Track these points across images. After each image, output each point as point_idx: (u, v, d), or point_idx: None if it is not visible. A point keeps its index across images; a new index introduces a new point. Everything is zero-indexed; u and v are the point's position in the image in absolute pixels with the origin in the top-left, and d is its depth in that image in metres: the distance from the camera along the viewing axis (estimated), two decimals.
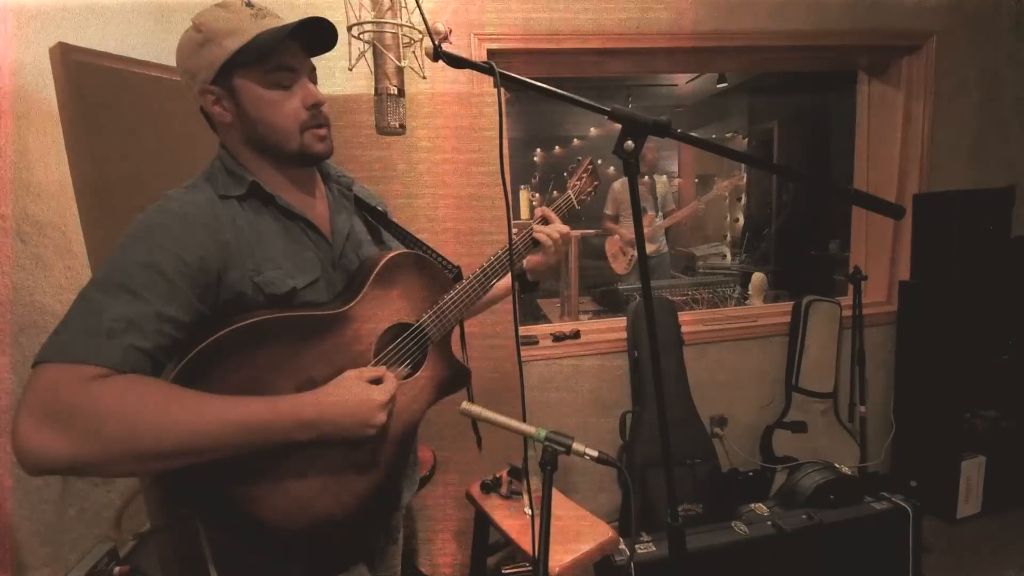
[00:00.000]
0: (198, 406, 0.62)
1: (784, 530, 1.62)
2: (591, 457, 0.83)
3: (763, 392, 2.35)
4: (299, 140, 0.78)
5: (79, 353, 0.58)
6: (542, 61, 2.00)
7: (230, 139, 0.79)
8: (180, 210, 0.71)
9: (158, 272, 0.65)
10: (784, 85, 4.54)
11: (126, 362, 0.60)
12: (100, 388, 0.58)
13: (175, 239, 0.67)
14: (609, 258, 3.40)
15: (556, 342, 2.13)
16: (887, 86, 2.36)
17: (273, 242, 0.77)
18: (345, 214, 0.89)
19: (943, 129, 2.29)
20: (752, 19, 2.05)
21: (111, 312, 0.61)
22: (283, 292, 0.75)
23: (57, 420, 0.55)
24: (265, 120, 0.76)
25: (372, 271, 0.84)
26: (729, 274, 3.55)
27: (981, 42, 2.28)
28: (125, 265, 0.64)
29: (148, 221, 0.69)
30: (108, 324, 0.60)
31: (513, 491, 1.55)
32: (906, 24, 2.18)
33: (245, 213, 0.76)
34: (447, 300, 0.93)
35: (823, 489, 1.75)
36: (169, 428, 0.59)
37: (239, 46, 0.72)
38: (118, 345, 0.60)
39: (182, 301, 0.66)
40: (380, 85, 0.79)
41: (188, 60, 0.75)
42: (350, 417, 0.72)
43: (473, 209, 1.70)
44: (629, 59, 2.11)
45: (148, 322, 0.62)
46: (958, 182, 2.30)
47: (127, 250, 0.65)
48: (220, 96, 0.75)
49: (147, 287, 0.63)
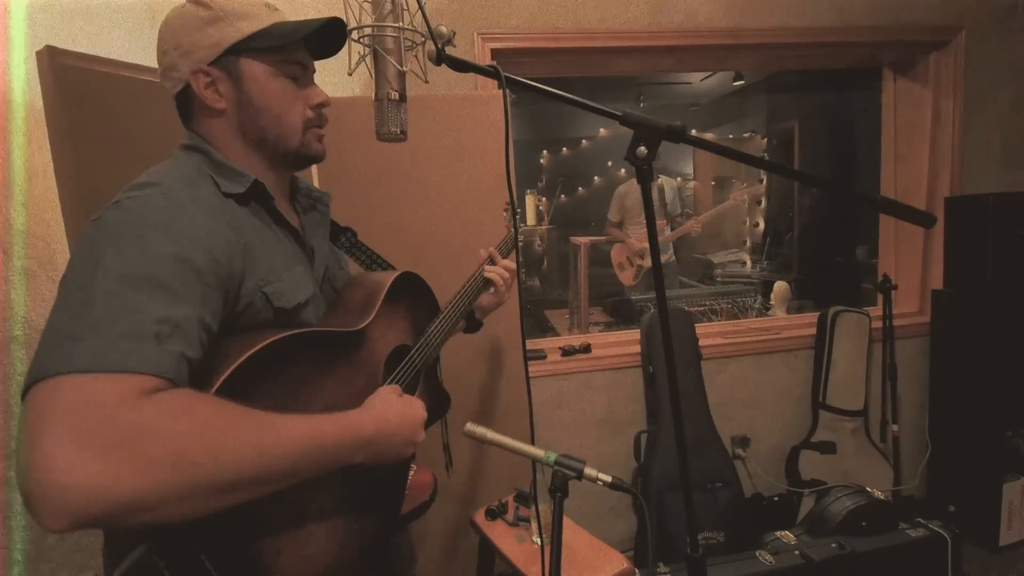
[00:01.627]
0: (273, 423, 0.57)
1: (813, 560, 1.60)
2: (604, 483, 0.83)
3: (787, 410, 2.34)
4: (300, 137, 0.79)
5: (129, 361, 0.50)
6: (548, 60, 2.02)
7: (217, 130, 0.75)
8: (195, 202, 0.64)
9: (193, 269, 0.58)
10: (804, 83, 4.56)
11: (180, 374, 0.54)
12: (166, 402, 0.50)
13: (204, 233, 0.62)
14: (615, 268, 3.40)
15: (565, 356, 2.13)
16: (914, 83, 2.37)
17: (272, 251, 0.74)
18: (321, 232, 0.89)
19: (974, 128, 2.30)
20: (771, 15, 2.07)
21: (153, 311, 0.53)
22: (292, 306, 0.73)
23: (115, 445, 0.46)
24: (271, 110, 0.75)
25: (382, 289, 0.85)
26: (750, 283, 3.55)
27: (1012, 37, 2.28)
28: (154, 257, 0.56)
29: (163, 208, 0.61)
30: (154, 327, 0.53)
31: (520, 518, 1.55)
32: (933, 19, 2.19)
33: (245, 215, 0.73)
34: (435, 324, 0.95)
35: (854, 515, 1.73)
36: (252, 448, 0.53)
37: (255, 30, 0.73)
38: (170, 351, 0.53)
39: (215, 307, 0.61)
40: (381, 91, 0.80)
41: (183, 36, 0.72)
42: (398, 435, 0.72)
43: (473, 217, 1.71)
44: (640, 57, 2.13)
45: (193, 327, 0.56)
46: (991, 184, 2.30)
47: (148, 239, 0.57)
48: (217, 79, 0.73)
49: (185, 285, 0.57)
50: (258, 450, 0.54)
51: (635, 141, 0.76)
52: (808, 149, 4.75)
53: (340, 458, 0.64)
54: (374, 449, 0.68)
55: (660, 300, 0.79)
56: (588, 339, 2.22)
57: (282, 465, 0.56)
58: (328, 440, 0.62)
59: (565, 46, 1.96)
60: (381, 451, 0.70)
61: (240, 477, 0.52)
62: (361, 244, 1.00)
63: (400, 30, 0.83)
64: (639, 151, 0.76)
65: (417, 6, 0.79)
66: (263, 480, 0.55)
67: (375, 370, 0.82)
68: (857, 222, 4.14)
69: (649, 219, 0.80)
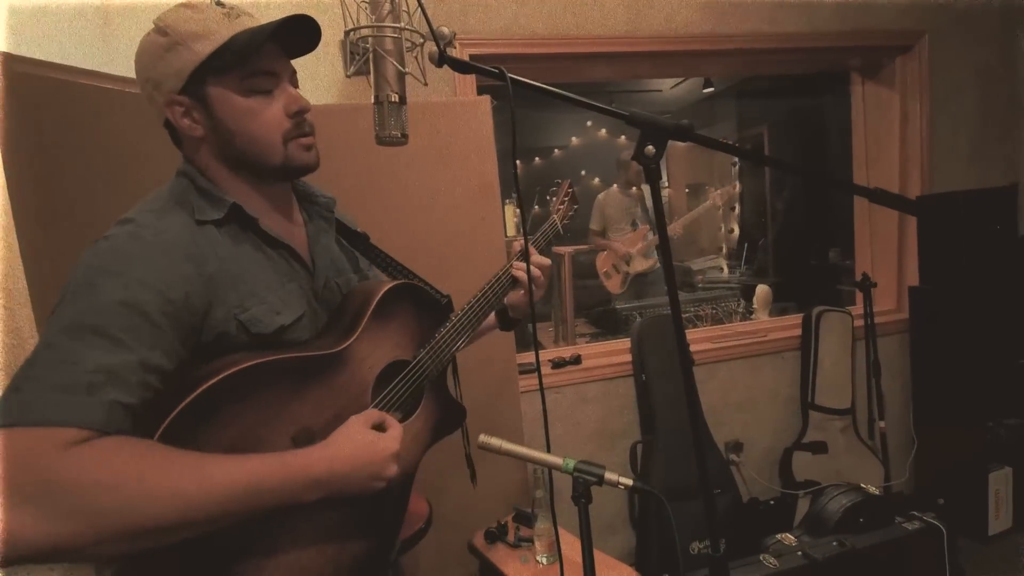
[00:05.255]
0: (202, 469, 0.58)
1: (816, 560, 1.64)
2: (625, 487, 0.84)
3: (778, 413, 2.40)
4: (282, 152, 0.76)
5: (53, 413, 0.54)
6: (527, 66, 2.06)
7: (200, 155, 0.76)
8: (157, 239, 0.66)
9: (140, 313, 0.61)
10: (773, 88, 4.77)
11: (110, 422, 0.56)
12: (84, 455, 0.54)
13: (157, 274, 0.64)
14: (601, 277, 3.44)
15: (556, 369, 2.14)
16: (881, 87, 2.51)
17: (256, 273, 0.74)
18: (325, 240, 0.88)
19: (941, 129, 2.45)
20: (744, 21, 2.17)
21: (88, 362, 0.56)
22: (271, 331, 0.72)
23: (34, 497, 0.51)
24: (244, 132, 0.74)
25: (369, 304, 0.82)
26: (730, 288, 3.64)
27: (973, 39, 2.46)
28: (99, 305, 0.60)
29: (121, 251, 0.64)
30: (87, 377, 0.56)
31: (522, 538, 1.53)
32: (897, 24, 2.34)
33: (224, 240, 0.72)
34: (443, 335, 0.93)
35: (851, 512, 1.78)
36: (172, 497, 0.56)
37: (212, 49, 0.70)
38: (100, 402, 0.56)
39: (167, 347, 0.63)
40: (381, 93, 0.80)
41: (151, 68, 0.72)
42: (360, 471, 0.70)
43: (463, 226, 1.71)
44: (617, 63, 2.20)
45: (132, 373, 0.59)
46: (959, 182, 2.44)
47: (99, 287, 0.61)
48: (190, 107, 0.73)
49: (128, 331, 0.60)
50: (179, 496, 0.56)
51: (642, 140, 0.78)
52: (778, 154, 4.96)
53: (285, 499, 0.64)
54: (329, 489, 0.67)
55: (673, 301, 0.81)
56: (578, 350, 2.24)
57: (208, 509, 0.58)
58: (268, 482, 0.62)
59: (543, 52, 2.00)
60: (340, 489, 0.68)
61: (160, 523, 0.55)
62: (375, 248, 0.99)
63: (400, 31, 0.84)
64: (647, 150, 0.78)
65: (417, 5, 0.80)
66: (188, 524, 0.57)
67: (360, 392, 0.79)
68: (829, 225, 4.32)
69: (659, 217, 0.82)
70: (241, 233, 0.75)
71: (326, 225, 0.89)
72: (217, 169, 0.76)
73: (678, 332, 0.81)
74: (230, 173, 0.77)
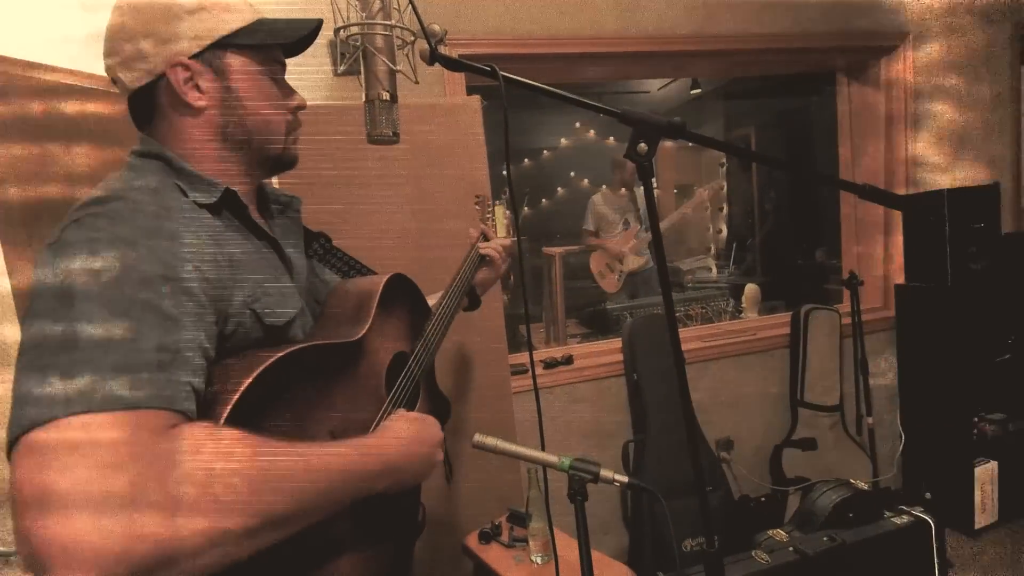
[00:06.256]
0: (301, 455, 0.54)
1: (807, 555, 1.65)
2: (620, 483, 0.84)
3: (768, 410, 2.42)
4: (283, 143, 0.76)
5: (131, 396, 0.46)
6: (517, 67, 2.05)
7: (187, 131, 0.69)
8: (168, 213, 0.60)
9: (184, 291, 0.55)
10: (760, 90, 4.82)
11: (191, 406, 0.51)
12: (187, 441, 0.47)
13: (188, 248, 0.58)
14: (595, 276, 3.45)
15: (547, 369, 2.14)
16: (866, 87, 2.55)
17: (255, 263, 0.71)
18: (295, 240, 0.85)
19: (925, 128, 2.49)
20: (732, 22, 2.20)
21: (148, 339, 0.49)
22: (283, 322, 0.70)
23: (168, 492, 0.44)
24: (258, 112, 0.72)
25: (373, 297, 0.82)
26: (719, 287, 3.68)
27: (956, 40, 2.51)
28: (140, 278, 0.52)
29: (134, 223, 0.56)
30: (154, 356, 0.49)
31: (516, 538, 1.53)
32: (881, 25, 2.38)
33: (220, 227, 0.68)
34: (432, 324, 0.94)
35: (841, 507, 1.79)
36: (286, 484, 0.51)
37: (241, 25, 0.70)
38: (177, 382, 0.50)
39: (210, 331, 0.57)
40: (372, 91, 0.80)
41: (162, 22, 0.66)
42: (417, 457, 0.71)
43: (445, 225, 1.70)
44: (607, 64, 2.21)
45: (194, 353, 0.53)
46: (942, 181, 2.49)
47: (127, 259, 0.52)
48: (198, 73, 0.67)
49: (179, 307, 0.53)
50: (291, 483, 0.52)
51: (635, 138, 0.78)
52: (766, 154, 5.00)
53: (367, 484, 0.62)
54: (398, 475, 0.67)
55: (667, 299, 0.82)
56: (569, 350, 2.24)
57: (316, 497, 0.54)
58: (353, 467, 0.60)
59: (533, 52, 2.01)
60: (404, 476, 0.69)
61: (280, 513, 0.50)
62: (336, 250, 0.97)
63: (391, 28, 0.83)
64: (639, 147, 0.79)
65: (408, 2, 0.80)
66: (299, 515, 0.53)
67: (378, 382, 0.80)
68: (815, 225, 4.38)
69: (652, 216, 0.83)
70: (233, 221, 0.71)
71: (293, 225, 0.86)
72: (206, 149, 0.71)
73: (672, 330, 0.81)
74: (223, 154, 0.72)
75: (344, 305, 0.84)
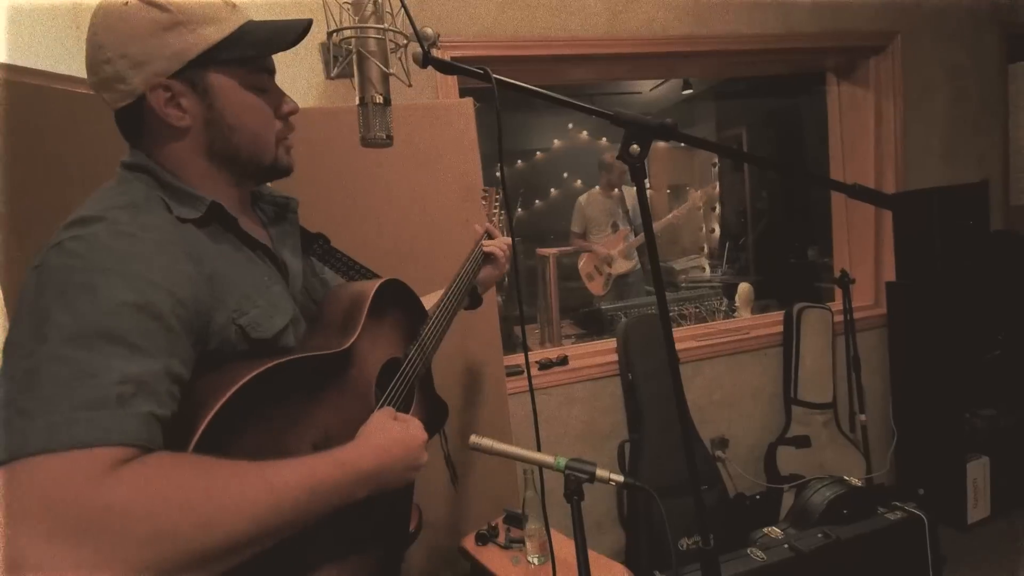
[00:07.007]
0: (264, 477, 0.54)
1: (802, 552, 1.66)
2: (616, 483, 0.84)
3: (762, 408, 2.44)
4: (274, 152, 0.75)
5: (86, 433, 0.47)
6: (508, 68, 2.07)
7: (172, 148, 0.69)
8: (147, 235, 0.59)
9: (154, 317, 0.54)
10: (751, 90, 4.86)
11: (152, 437, 0.50)
12: (140, 474, 0.47)
13: (161, 272, 0.57)
14: (584, 278, 3.46)
15: (543, 370, 2.15)
16: (856, 87, 2.57)
17: (244, 275, 0.70)
18: (292, 242, 0.85)
19: (914, 127, 2.52)
20: (723, 23, 2.21)
21: (110, 372, 0.50)
22: (271, 335, 0.69)
23: (84, 530, 0.43)
24: (247, 128, 0.71)
25: (364, 302, 0.81)
26: (713, 287, 3.69)
27: (944, 39, 2.54)
28: (106, 307, 0.52)
29: (110, 248, 0.56)
30: (114, 389, 0.49)
31: (513, 539, 1.53)
32: (870, 24, 2.40)
33: (206, 240, 0.67)
34: (428, 328, 0.93)
35: (835, 504, 1.81)
36: (244, 509, 0.51)
37: (222, 36, 0.67)
38: (136, 414, 0.50)
39: (184, 355, 0.57)
40: (365, 94, 0.80)
41: (136, 42, 0.64)
42: (399, 462, 0.69)
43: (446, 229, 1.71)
44: (598, 65, 2.22)
45: (159, 382, 0.53)
46: (932, 179, 2.51)
47: (99, 288, 0.53)
48: (179, 94, 0.66)
49: (145, 337, 0.53)
50: (251, 509, 0.51)
51: (627, 140, 0.79)
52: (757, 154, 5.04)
53: (342, 498, 0.61)
54: (377, 481, 0.67)
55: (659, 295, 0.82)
56: (564, 351, 2.25)
57: (279, 520, 0.54)
58: (326, 483, 0.59)
59: (524, 54, 2.02)
60: (385, 482, 0.68)
61: (237, 538, 0.50)
62: (336, 251, 0.97)
63: (383, 31, 0.84)
64: (632, 149, 0.79)
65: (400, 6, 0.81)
66: (260, 537, 0.52)
67: (367, 391, 0.79)
68: (807, 224, 4.41)
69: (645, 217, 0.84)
70: (221, 234, 0.70)
71: (290, 228, 0.85)
72: (194, 164, 0.70)
73: (666, 331, 0.82)
74: (209, 169, 0.71)
75: (335, 313, 0.83)
